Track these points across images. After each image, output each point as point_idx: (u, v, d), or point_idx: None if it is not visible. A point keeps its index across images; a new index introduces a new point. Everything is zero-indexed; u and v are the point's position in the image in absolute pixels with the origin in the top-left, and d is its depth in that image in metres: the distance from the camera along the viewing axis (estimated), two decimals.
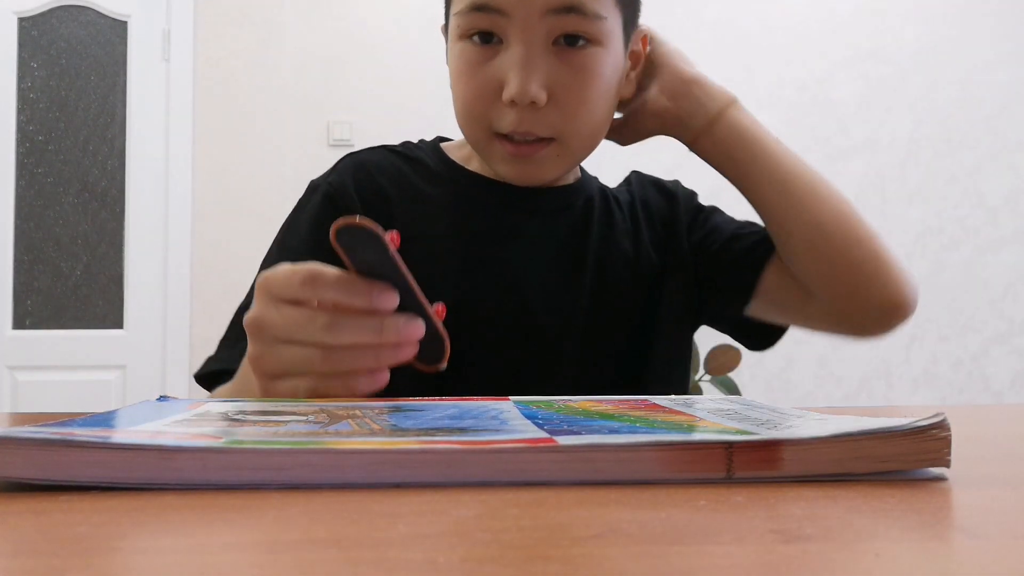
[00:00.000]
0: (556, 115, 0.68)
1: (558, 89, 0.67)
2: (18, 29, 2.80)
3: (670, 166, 3.19)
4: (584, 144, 0.72)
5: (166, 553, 0.22)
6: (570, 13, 0.66)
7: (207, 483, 0.29)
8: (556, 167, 0.72)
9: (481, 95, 0.69)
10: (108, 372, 2.77)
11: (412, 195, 0.77)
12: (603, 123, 0.73)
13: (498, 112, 0.68)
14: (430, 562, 0.20)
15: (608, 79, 0.70)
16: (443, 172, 0.79)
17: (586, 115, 0.69)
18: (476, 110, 0.69)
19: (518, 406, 0.46)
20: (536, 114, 0.67)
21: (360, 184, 0.76)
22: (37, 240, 2.78)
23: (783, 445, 0.30)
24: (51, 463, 0.29)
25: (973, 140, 3.00)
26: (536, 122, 0.68)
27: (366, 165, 0.78)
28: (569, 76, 0.68)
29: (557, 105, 0.68)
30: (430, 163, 0.79)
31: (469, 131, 0.72)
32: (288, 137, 2.82)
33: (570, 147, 0.71)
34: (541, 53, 0.67)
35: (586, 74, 0.68)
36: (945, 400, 2.94)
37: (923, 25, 3.00)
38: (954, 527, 0.24)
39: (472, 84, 0.69)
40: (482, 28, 0.67)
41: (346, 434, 0.34)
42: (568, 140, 0.70)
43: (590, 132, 0.71)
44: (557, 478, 0.30)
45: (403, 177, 0.78)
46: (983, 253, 2.98)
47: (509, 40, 0.67)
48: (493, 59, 0.68)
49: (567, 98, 0.68)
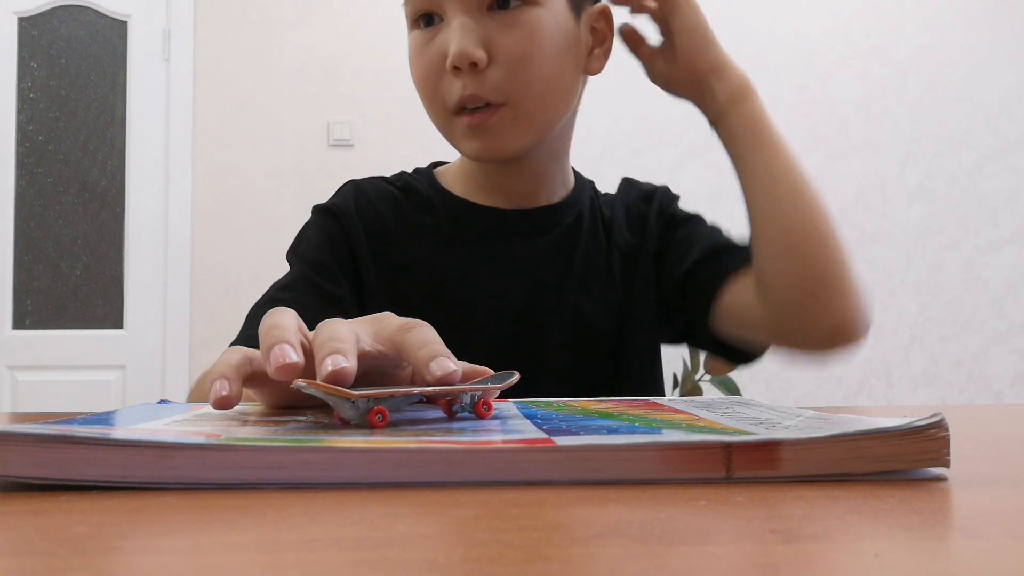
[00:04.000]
0: (500, 76, 0.69)
1: (497, 48, 0.69)
2: (18, 29, 2.80)
3: (670, 166, 3.18)
4: (538, 106, 0.72)
5: (166, 553, 0.22)
6: None
7: (206, 481, 0.29)
8: (514, 135, 0.72)
9: (430, 71, 0.71)
10: (108, 372, 2.77)
11: (407, 223, 0.80)
12: (556, 85, 0.73)
13: (448, 85, 0.70)
14: (430, 562, 0.20)
15: (551, 38, 0.71)
16: (435, 200, 0.81)
17: (532, 73, 0.70)
18: (428, 87, 0.72)
19: (517, 406, 0.46)
20: (479, 76, 0.69)
21: (361, 208, 0.79)
22: (37, 240, 2.78)
23: (782, 445, 0.30)
24: (50, 460, 0.29)
25: (973, 140, 3.00)
26: (481, 85, 0.69)
27: (366, 191, 0.81)
28: (507, 35, 0.69)
29: (499, 64, 0.69)
30: (423, 192, 0.81)
31: (431, 114, 0.74)
32: (288, 137, 2.82)
33: (523, 109, 0.71)
34: (477, 18, 0.69)
35: (523, 30, 0.69)
36: (945, 400, 2.94)
37: (923, 25, 3.00)
38: (954, 527, 0.24)
39: (421, 63, 0.72)
40: (423, 10, 0.71)
41: (345, 433, 0.34)
42: (519, 102, 0.70)
43: (540, 92, 0.71)
44: (556, 478, 0.30)
45: (399, 205, 0.81)
46: (983, 253, 2.98)
47: (447, 16, 0.70)
48: (436, 36, 0.71)
49: (507, 57, 0.69)
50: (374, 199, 0.80)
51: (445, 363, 0.38)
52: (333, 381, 0.37)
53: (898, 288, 2.94)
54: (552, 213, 0.80)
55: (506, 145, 0.72)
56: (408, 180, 0.83)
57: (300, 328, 0.41)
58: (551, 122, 0.74)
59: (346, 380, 0.37)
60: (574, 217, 0.81)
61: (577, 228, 0.80)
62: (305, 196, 2.78)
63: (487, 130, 0.71)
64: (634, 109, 2.83)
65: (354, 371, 0.38)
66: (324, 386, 0.36)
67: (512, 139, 0.72)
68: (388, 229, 0.79)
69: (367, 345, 0.42)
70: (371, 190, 0.81)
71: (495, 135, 0.71)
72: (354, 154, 2.81)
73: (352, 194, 0.81)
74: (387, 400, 0.37)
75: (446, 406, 0.41)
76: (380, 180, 0.83)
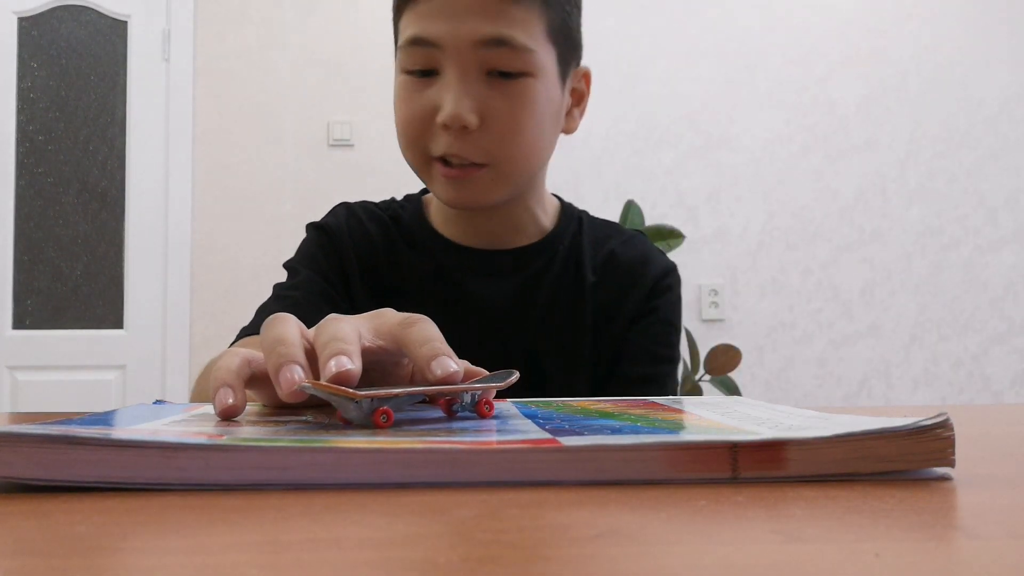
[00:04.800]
0: (488, 140, 0.71)
1: (490, 115, 0.70)
2: (18, 29, 2.80)
3: (670, 166, 3.18)
4: (518, 169, 0.74)
5: (166, 553, 0.22)
6: (501, 46, 0.69)
7: (209, 482, 0.29)
8: (492, 191, 0.74)
9: (417, 119, 0.72)
10: (108, 372, 2.77)
11: (394, 254, 0.82)
12: (538, 150, 0.75)
13: (433, 136, 0.72)
14: (430, 562, 0.20)
15: (541, 108, 0.73)
16: (419, 236, 0.83)
17: (519, 141, 0.72)
18: (412, 134, 0.73)
19: (517, 406, 0.46)
20: (468, 138, 0.70)
21: (352, 229, 0.82)
22: (37, 240, 2.78)
23: (788, 445, 0.30)
24: (51, 461, 0.29)
25: (973, 140, 3.00)
26: (468, 146, 0.70)
27: (357, 213, 0.84)
28: (501, 103, 0.71)
29: (489, 131, 0.71)
30: (407, 224, 0.84)
31: (409, 155, 0.75)
32: (288, 137, 2.82)
33: (504, 172, 0.73)
34: (474, 81, 0.70)
35: (518, 101, 0.71)
36: (945, 400, 2.94)
37: (923, 25, 3.00)
38: (954, 527, 0.24)
39: (408, 109, 0.73)
40: (421, 65, 0.71)
41: (349, 433, 0.34)
42: (501, 165, 0.72)
43: (523, 157, 0.73)
44: (560, 478, 0.30)
45: (388, 233, 0.83)
46: (983, 253, 2.98)
47: (444, 71, 0.71)
48: (429, 88, 0.72)
49: (499, 124, 0.71)
50: (365, 221, 0.83)
51: (447, 363, 0.38)
52: (337, 382, 0.37)
53: (898, 288, 2.95)
54: (520, 256, 0.82)
55: (480, 199, 0.74)
56: (396, 210, 0.85)
57: (303, 333, 0.41)
58: (528, 180, 0.77)
59: (351, 382, 0.37)
60: (544, 262, 0.82)
61: (545, 273, 0.82)
62: (305, 196, 2.78)
63: (465, 184, 0.72)
64: (635, 109, 2.83)
65: (359, 372, 0.38)
66: (329, 387, 0.36)
67: (488, 194, 0.74)
68: (377, 252, 0.82)
69: (367, 340, 0.42)
70: (362, 213, 0.84)
71: (471, 189, 0.73)
72: (354, 154, 2.81)
73: (344, 215, 0.83)
74: (391, 400, 0.37)
75: (446, 405, 0.41)
76: (371, 205, 0.86)
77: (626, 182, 2.83)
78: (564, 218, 0.85)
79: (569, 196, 0.85)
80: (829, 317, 2.91)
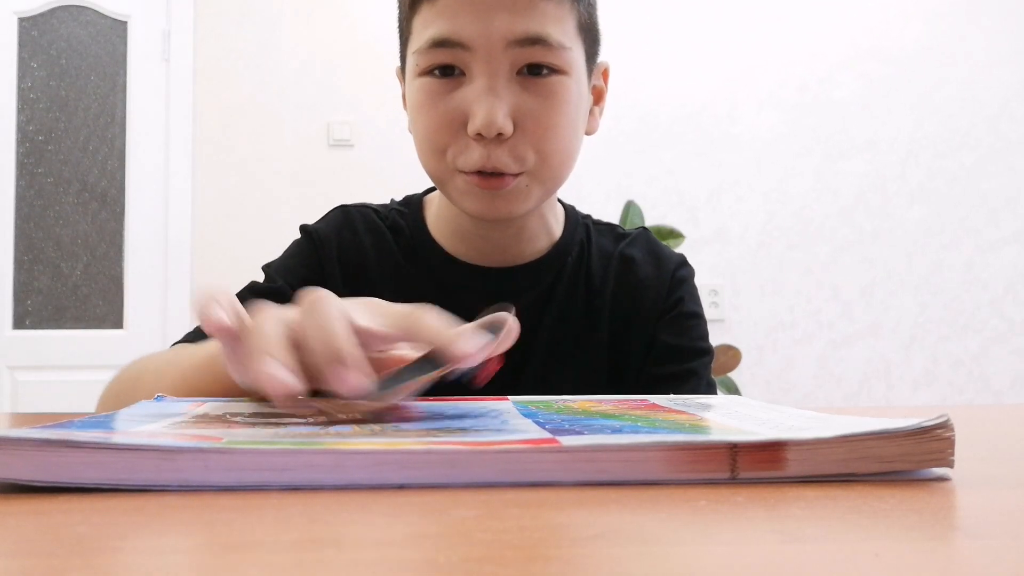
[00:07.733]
0: (523, 146, 0.66)
1: (524, 118, 0.65)
2: (18, 29, 2.79)
3: (670, 166, 3.17)
4: (554, 175, 0.69)
5: (166, 553, 0.22)
6: (535, 45, 0.64)
7: (208, 484, 0.29)
8: (526, 200, 0.69)
9: (444, 126, 0.66)
10: (108, 372, 2.76)
11: (389, 264, 0.78)
12: (572, 153, 0.70)
13: (462, 147, 0.66)
14: (430, 562, 0.20)
15: (575, 107, 0.68)
16: (418, 249, 0.78)
17: (556, 145, 0.67)
18: (439, 143, 0.67)
19: (517, 406, 0.46)
20: (503, 147, 0.65)
21: (343, 240, 0.78)
22: (37, 240, 2.78)
23: (788, 445, 0.30)
24: (51, 464, 0.29)
25: (973, 140, 3.00)
26: (503, 155, 0.65)
27: (353, 222, 0.79)
28: (535, 104, 0.65)
29: (524, 135, 0.65)
30: (408, 235, 0.79)
31: (431, 167, 0.70)
32: (288, 137, 2.82)
33: (540, 178, 0.68)
34: (505, 84, 0.64)
35: (553, 101, 0.66)
36: (945, 400, 2.94)
37: (923, 25, 3.00)
38: (954, 527, 0.24)
39: (434, 115, 0.66)
40: (444, 63, 0.65)
41: (348, 435, 0.34)
42: (538, 172, 0.67)
43: (560, 162, 0.69)
44: (561, 479, 0.30)
45: (385, 244, 0.78)
46: (983, 253, 2.98)
47: (472, 73, 0.65)
48: (456, 91, 0.65)
49: (534, 127, 0.65)
50: (360, 231, 0.78)
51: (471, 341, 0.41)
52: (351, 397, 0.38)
53: (898, 288, 2.94)
54: (527, 274, 0.77)
55: (513, 209, 0.69)
56: (396, 220, 0.80)
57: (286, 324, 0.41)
58: (559, 187, 0.72)
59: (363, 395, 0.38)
60: (552, 277, 0.78)
61: (553, 291, 0.77)
62: (305, 196, 2.78)
63: (498, 195, 0.67)
64: (635, 109, 2.83)
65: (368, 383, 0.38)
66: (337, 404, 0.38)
67: (522, 204, 0.69)
68: (370, 265, 0.77)
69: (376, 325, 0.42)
70: (359, 221, 0.79)
71: (505, 199, 0.68)
72: (354, 154, 2.81)
73: (337, 224, 0.79)
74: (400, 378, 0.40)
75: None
76: (371, 211, 0.81)
77: (626, 182, 2.83)
78: (570, 224, 0.81)
79: (569, 196, 0.84)
80: (829, 317, 2.91)
